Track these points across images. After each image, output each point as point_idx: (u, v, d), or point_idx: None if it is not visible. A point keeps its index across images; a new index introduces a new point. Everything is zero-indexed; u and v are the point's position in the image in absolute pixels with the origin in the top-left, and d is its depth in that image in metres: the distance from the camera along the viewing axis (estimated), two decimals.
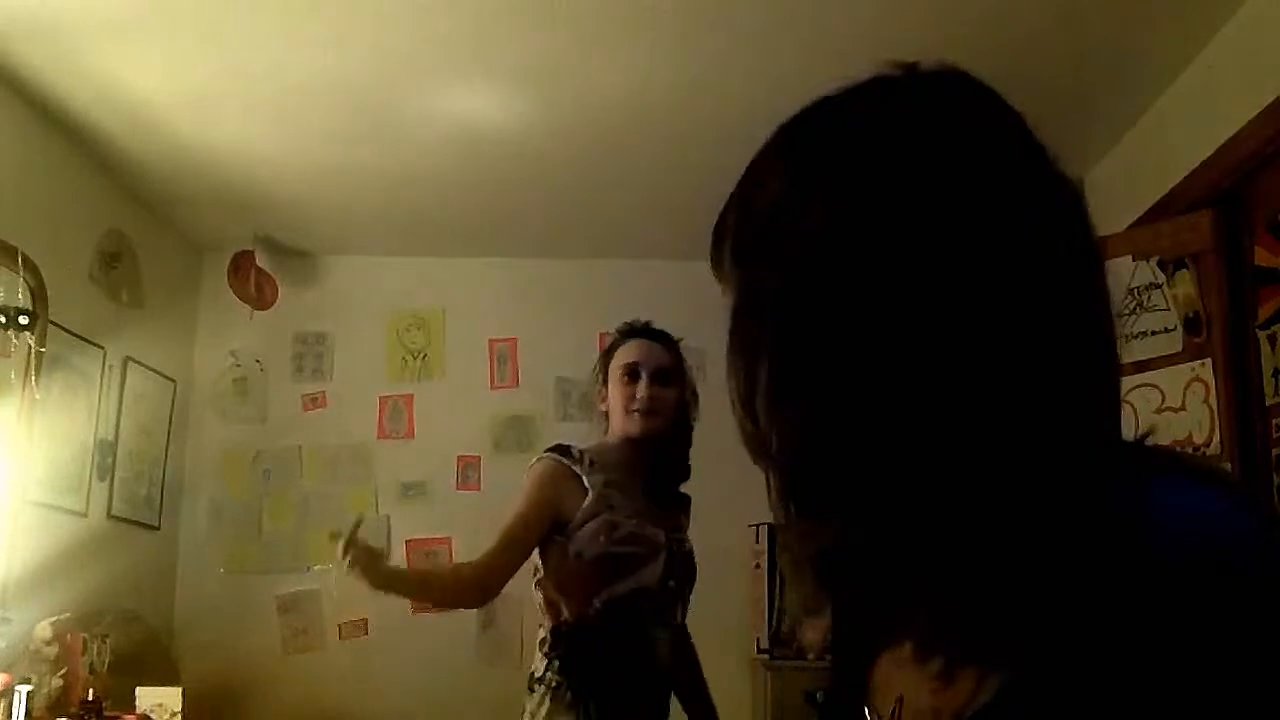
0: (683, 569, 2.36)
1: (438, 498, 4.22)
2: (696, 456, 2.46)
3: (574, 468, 2.29)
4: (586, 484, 2.27)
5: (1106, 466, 0.56)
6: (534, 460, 2.37)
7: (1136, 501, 0.54)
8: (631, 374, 2.34)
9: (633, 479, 2.35)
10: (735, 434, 0.65)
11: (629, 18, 2.68)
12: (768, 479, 0.65)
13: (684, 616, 2.40)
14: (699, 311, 3.23)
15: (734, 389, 0.64)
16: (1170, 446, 0.62)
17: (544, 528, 2.26)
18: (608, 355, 2.42)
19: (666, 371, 2.36)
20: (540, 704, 2.23)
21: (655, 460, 2.40)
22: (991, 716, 0.54)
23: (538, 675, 2.27)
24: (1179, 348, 2.71)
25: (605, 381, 2.41)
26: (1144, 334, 2.74)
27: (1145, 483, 0.55)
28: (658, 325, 2.44)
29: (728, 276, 0.67)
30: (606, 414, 2.42)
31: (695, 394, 2.44)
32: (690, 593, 2.41)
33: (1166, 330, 2.74)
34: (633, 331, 2.42)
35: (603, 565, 2.23)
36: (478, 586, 2.22)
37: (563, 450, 2.33)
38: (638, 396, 2.32)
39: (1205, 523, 0.53)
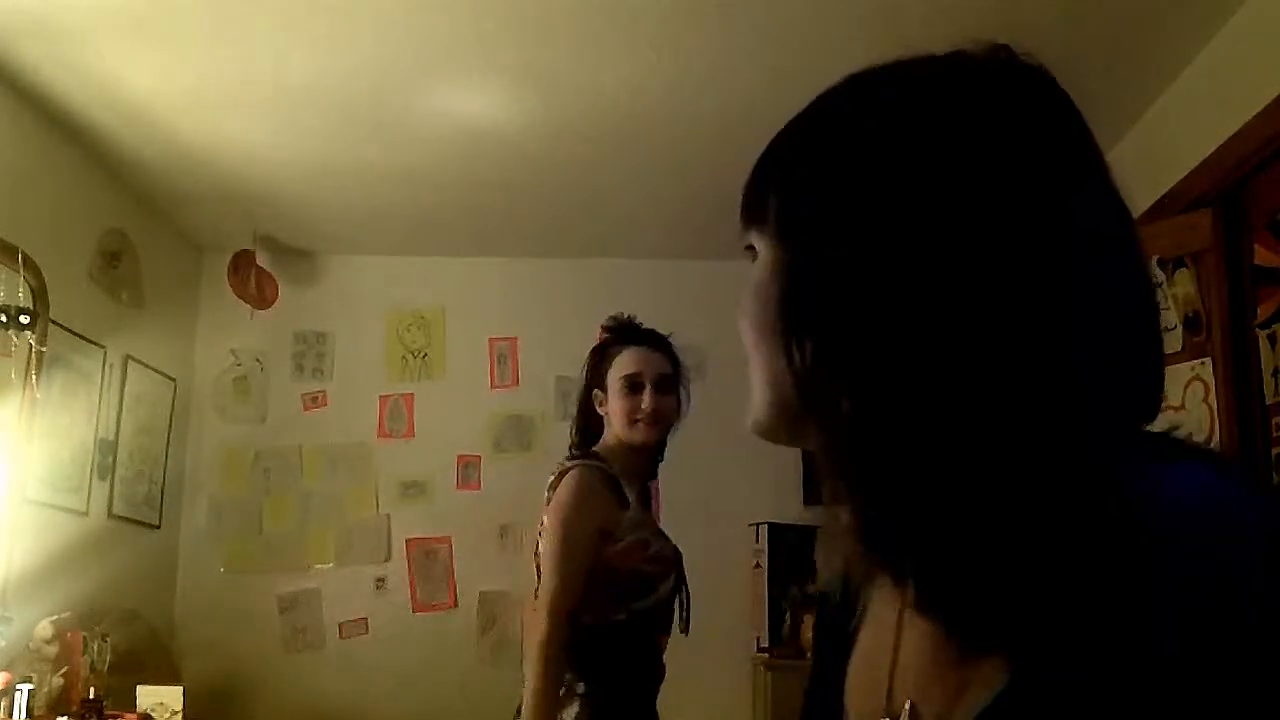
0: (683, 579, 2.36)
1: (438, 497, 4.23)
2: (697, 457, 2.47)
3: (618, 479, 2.28)
4: (629, 495, 2.28)
5: (1141, 453, 0.57)
6: (564, 469, 2.30)
7: (1158, 488, 0.54)
8: (634, 386, 2.31)
9: (634, 487, 2.35)
10: (735, 435, 0.65)
11: (629, 18, 2.68)
12: (807, 458, 0.64)
13: (682, 625, 2.36)
14: (698, 311, 3.28)
15: (779, 366, 0.63)
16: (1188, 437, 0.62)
17: (595, 541, 2.22)
18: (602, 359, 2.38)
19: (667, 380, 2.34)
20: None
21: (649, 465, 2.41)
22: (1012, 702, 0.54)
23: None
24: (1179, 347, 2.71)
25: (596, 384, 2.38)
26: None
27: (1164, 469, 0.55)
28: (657, 325, 2.43)
29: (769, 244, 0.66)
30: (602, 419, 2.38)
31: (688, 395, 2.42)
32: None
33: (1166, 329, 2.74)
34: (628, 335, 2.38)
35: (632, 582, 2.22)
36: (552, 620, 2.17)
37: (596, 459, 2.30)
38: (643, 408, 2.29)
39: (1224, 513, 0.53)
